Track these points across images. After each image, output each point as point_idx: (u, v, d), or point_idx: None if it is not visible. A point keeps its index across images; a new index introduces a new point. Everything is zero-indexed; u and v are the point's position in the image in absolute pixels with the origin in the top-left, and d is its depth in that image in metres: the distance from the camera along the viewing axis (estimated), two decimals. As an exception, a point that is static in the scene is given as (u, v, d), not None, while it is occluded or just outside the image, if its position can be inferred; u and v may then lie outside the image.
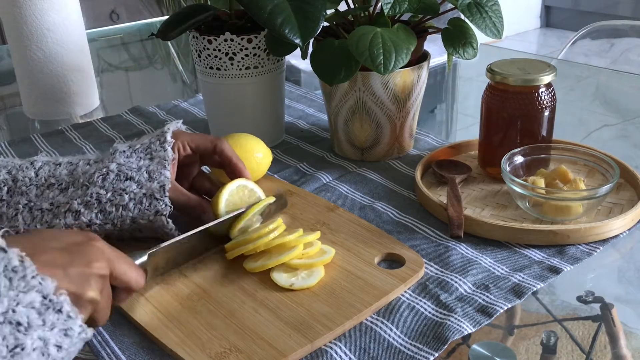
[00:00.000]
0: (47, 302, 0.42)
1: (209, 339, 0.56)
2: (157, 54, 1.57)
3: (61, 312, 0.43)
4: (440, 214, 0.74)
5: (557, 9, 4.41)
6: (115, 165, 0.67)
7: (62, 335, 0.43)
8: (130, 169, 0.67)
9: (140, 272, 0.55)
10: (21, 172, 0.67)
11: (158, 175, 0.66)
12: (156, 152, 0.68)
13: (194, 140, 0.71)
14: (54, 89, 1.08)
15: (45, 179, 0.67)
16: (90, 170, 0.67)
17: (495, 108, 0.78)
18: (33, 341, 0.41)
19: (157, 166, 0.67)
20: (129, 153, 0.68)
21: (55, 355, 0.42)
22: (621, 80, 1.30)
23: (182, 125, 0.74)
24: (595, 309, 0.60)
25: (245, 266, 0.64)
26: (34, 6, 1.03)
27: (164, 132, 0.70)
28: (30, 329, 0.41)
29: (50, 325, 0.42)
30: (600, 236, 0.69)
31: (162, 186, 0.66)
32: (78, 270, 0.46)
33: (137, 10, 3.07)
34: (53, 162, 0.69)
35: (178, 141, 0.70)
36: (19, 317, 0.40)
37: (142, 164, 0.67)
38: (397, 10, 0.76)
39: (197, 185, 0.76)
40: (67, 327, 0.43)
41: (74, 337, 0.44)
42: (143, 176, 0.66)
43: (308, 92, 1.19)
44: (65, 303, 0.43)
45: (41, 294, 0.42)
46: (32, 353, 0.40)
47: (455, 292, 0.62)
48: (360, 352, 0.55)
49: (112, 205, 0.65)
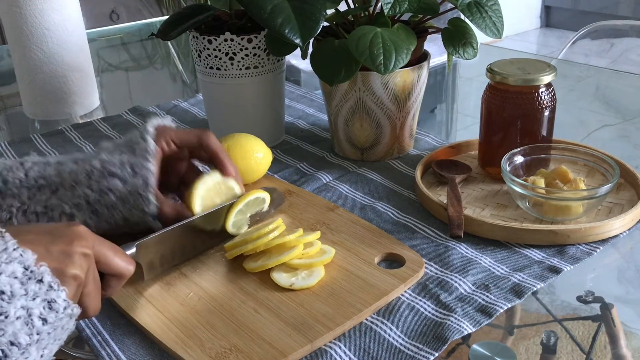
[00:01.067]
0: (28, 272, 0.43)
1: (209, 339, 0.56)
2: (157, 54, 1.57)
3: (42, 282, 0.44)
4: (440, 214, 0.74)
5: (557, 9, 4.41)
6: (99, 161, 0.66)
7: (46, 307, 0.44)
8: (113, 165, 0.65)
9: (128, 258, 0.55)
10: (11, 173, 0.66)
11: (140, 169, 0.65)
12: (137, 144, 0.67)
13: (179, 136, 0.70)
14: (54, 89, 1.08)
15: (35, 180, 0.66)
16: (77, 169, 0.66)
17: (495, 108, 0.78)
18: (16, 310, 0.42)
19: (138, 159, 0.66)
20: (112, 149, 0.68)
21: (40, 327, 0.43)
22: (621, 80, 1.30)
23: (169, 121, 0.72)
24: (595, 309, 0.60)
25: (245, 266, 0.65)
26: (34, 6, 1.03)
27: (145, 125, 0.69)
28: (13, 297, 0.42)
29: (33, 295, 0.43)
30: (600, 236, 0.69)
31: (145, 181, 0.65)
32: (59, 248, 0.47)
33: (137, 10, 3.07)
34: (43, 162, 0.68)
35: (162, 138, 0.69)
36: (2, 285, 0.41)
37: (124, 158, 0.66)
38: (397, 10, 0.76)
39: (187, 180, 0.74)
40: (49, 298, 0.44)
41: (59, 311, 0.44)
42: (127, 171, 0.65)
43: (308, 92, 1.19)
44: (45, 274, 0.44)
45: (22, 265, 0.43)
46: (16, 322, 0.41)
47: (455, 292, 0.62)
48: (360, 352, 0.55)
49: (102, 206, 0.65)
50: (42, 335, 0.43)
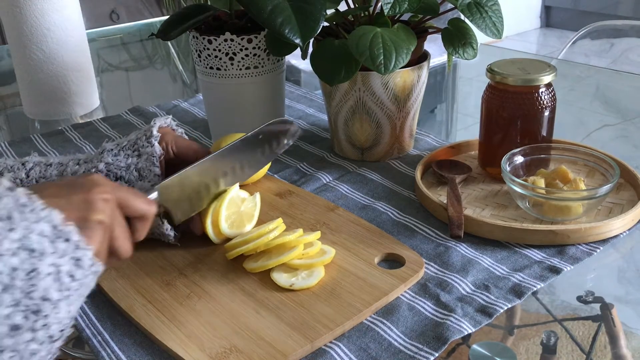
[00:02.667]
0: (56, 231, 0.44)
1: (209, 339, 0.56)
2: (157, 54, 1.57)
3: (69, 241, 0.45)
4: (440, 214, 0.74)
5: (557, 9, 4.41)
6: (104, 164, 0.66)
7: (73, 265, 0.45)
8: (119, 168, 0.66)
9: (148, 200, 0.56)
10: (12, 174, 0.66)
11: (148, 173, 0.66)
12: (143, 148, 0.67)
13: (178, 146, 0.70)
14: (54, 89, 1.08)
15: (36, 180, 0.66)
16: (79, 170, 0.66)
17: (495, 108, 0.78)
18: (47, 267, 0.43)
19: (145, 163, 0.66)
20: (116, 151, 0.68)
21: (68, 283, 0.44)
22: (621, 80, 1.30)
23: (171, 121, 0.73)
24: (595, 309, 0.60)
25: (245, 266, 0.64)
26: (34, 6, 1.03)
27: (151, 127, 0.69)
28: (43, 255, 0.43)
29: (62, 253, 0.44)
30: (600, 236, 0.69)
31: (153, 185, 0.65)
32: (80, 197, 0.48)
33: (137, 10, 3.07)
34: (44, 162, 0.68)
35: (163, 141, 0.69)
36: (33, 243, 0.43)
37: (130, 161, 0.66)
38: (397, 10, 0.76)
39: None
40: (77, 256, 0.45)
41: (85, 268, 0.46)
42: (133, 175, 0.66)
43: (308, 92, 1.19)
44: (72, 232, 0.45)
45: (50, 223, 0.44)
46: (47, 277, 0.43)
47: (455, 292, 0.62)
48: (360, 352, 0.55)
49: None
50: (71, 292, 0.45)
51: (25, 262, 0.42)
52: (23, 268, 0.42)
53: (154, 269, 0.66)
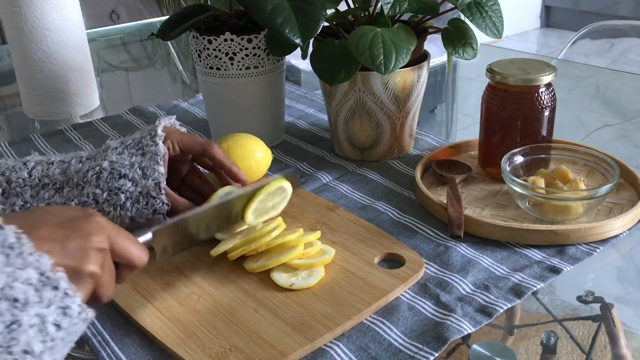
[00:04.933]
0: (43, 278, 0.42)
1: (209, 339, 0.56)
2: (157, 54, 1.57)
3: (58, 289, 0.42)
4: (440, 214, 0.74)
5: (557, 9, 4.41)
6: (108, 162, 0.66)
7: (60, 314, 0.42)
8: (123, 166, 0.66)
9: (143, 249, 0.53)
10: (15, 173, 0.66)
11: (152, 172, 0.66)
12: (147, 147, 0.67)
13: (183, 142, 0.70)
14: (54, 89, 1.08)
15: (39, 179, 0.66)
16: (83, 168, 0.66)
17: (495, 108, 0.78)
18: (30, 318, 0.40)
19: (149, 162, 0.66)
20: (120, 149, 0.68)
21: (54, 334, 0.42)
22: (621, 80, 1.30)
23: (175, 121, 0.73)
24: (595, 309, 0.60)
25: (246, 266, 0.65)
26: (34, 6, 1.03)
27: (155, 127, 0.69)
28: (27, 305, 0.40)
29: (48, 302, 0.41)
30: (600, 236, 0.69)
31: (157, 183, 0.66)
32: (76, 244, 0.46)
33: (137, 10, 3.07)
34: (46, 161, 0.68)
35: (168, 140, 0.69)
36: (16, 293, 0.40)
37: (135, 160, 0.66)
38: (397, 10, 0.76)
39: (188, 181, 0.75)
40: (64, 305, 0.43)
41: (73, 316, 0.43)
42: (137, 173, 0.66)
43: (308, 92, 1.19)
44: (62, 280, 0.43)
45: (38, 270, 0.41)
46: (29, 330, 0.40)
47: (455, 292, 0.62)
48: (360, 352, 0.55)
49: (110, 205, 0.65)
50: (56, 342, 0.42)
51: (5, 313, 0.39)
52: (3, 320, 0.39)
53: (154, 269, 0.66)
